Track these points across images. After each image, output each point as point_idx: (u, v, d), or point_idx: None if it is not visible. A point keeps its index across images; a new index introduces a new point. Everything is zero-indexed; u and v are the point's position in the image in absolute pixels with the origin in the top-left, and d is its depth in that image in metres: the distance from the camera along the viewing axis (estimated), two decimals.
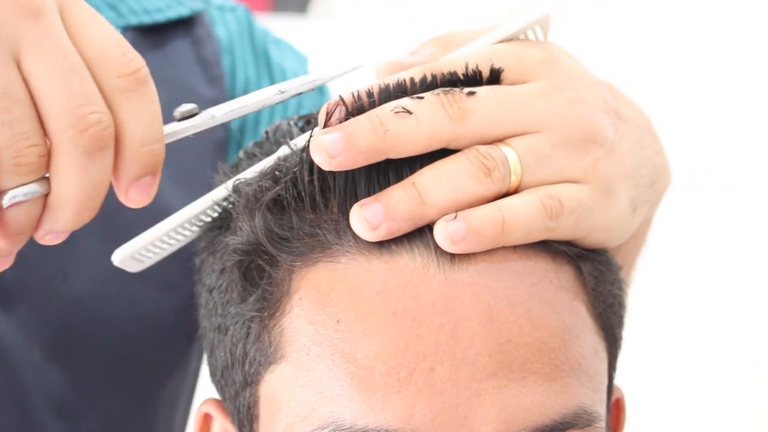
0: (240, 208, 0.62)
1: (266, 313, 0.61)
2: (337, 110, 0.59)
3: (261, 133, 0.83)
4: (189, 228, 0.64)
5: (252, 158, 0.67)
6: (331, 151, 0.57)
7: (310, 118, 0.67)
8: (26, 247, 0.74)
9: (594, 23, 2.00)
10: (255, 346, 0.62)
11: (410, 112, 0.58)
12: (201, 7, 0.87)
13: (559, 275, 0.61)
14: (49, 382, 0.78)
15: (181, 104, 0.57)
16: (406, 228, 0.58)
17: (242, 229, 0.61)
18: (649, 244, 0.79)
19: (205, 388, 0.76)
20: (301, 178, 0.60)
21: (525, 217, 0.58)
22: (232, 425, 0.67)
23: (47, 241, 0.54)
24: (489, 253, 0.59)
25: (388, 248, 0.59)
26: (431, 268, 0.58)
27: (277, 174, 0.61)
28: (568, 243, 0.61)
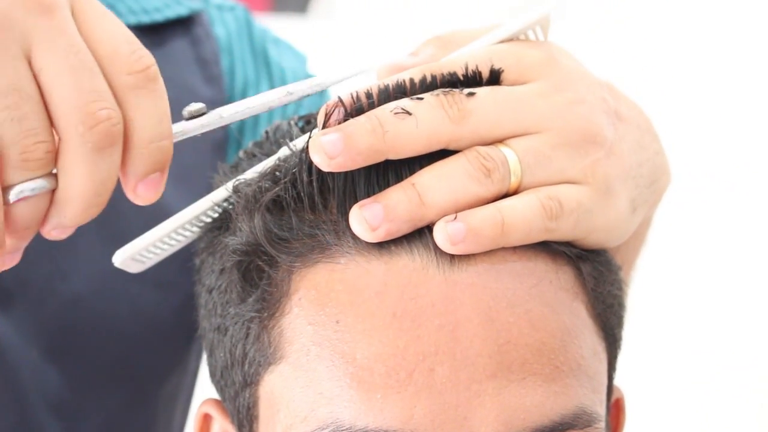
0: (239, 209, 0.62)
1: (266, 314, 0.61)
2: (336, 111, 0.59)
3: (260, 133, 0.83)
4: (189, 229, 0.64)
5: (252, 158, 0.67)
6: (330, 152, 0.57)
7: (310, 119, 0.67)
8: (26, 247, 0.75)
9: (594, 23, 2.00)
10: (254, 347, 0.62)
11: (410, 113, 0.58)
12: (200, 7, 0.87)
13: (558, 276, 0.60)
14: (47, 382, 0.78)
15: (190, 104, 0.57)
16: (406, 229, 0.58)
17: (242, 230, 0.61)
18: (649, 244, 0.79)
19: (204, 388, 0.76)
20: (301, 178, 0.60)
21: (525, 218, 0.58)
22: (231, 425, 0.67)
23: (53, 236, 0.54)
24: (489, 253, 0.59)
25: (388, 249, 0.59)
26: (431, 269, 0.58)
27: (277, 175, 0.61)
28: (568, 244, 0.61)
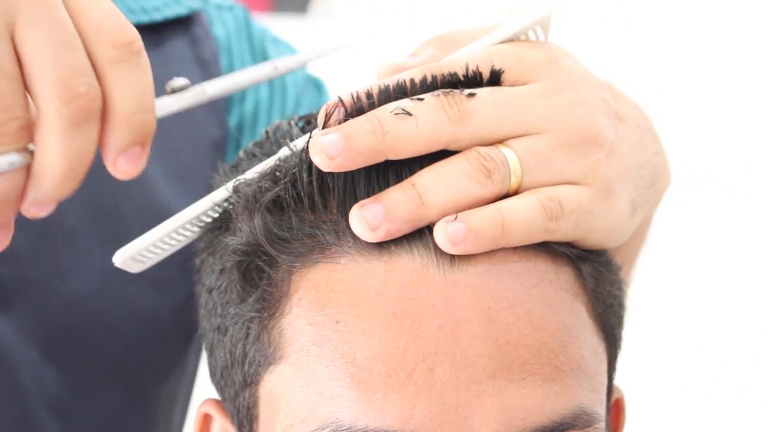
0: (239, 209, 0.61)
1: (266, 314, 0.61)
2: (336, 111, 0.59)
3: (259, 132, 0.83)
4: (190, 229, 0.64)
5: (252, 159, 0.67)
6: (330, 152, 0.57)
7: (310, 119, 0.67)
8: (25, 246, 0.75)
9: (594, 24, 2.00)
10: (254, 347, 0.62)
11: (410, 114, 0.58)
12: (199, 6, 0.86)
13: (558, 276, 0.60)
14: (47, 381, 0.78)
15: (173, 78, 0.57)
16: (406, 229, 0.58)
17: (242, 230, 0.61)
18: (649, 244, 0.79)
19: (203, 388, 0.76)
20: (301, 178, 0.60)
21: (525, 218, 0.58)
22: (231, 425, 0.67)
23: (32, 213, 0.54)
24: (489, 254, 0.59)
25: (388, 249, 0.59)
26: (431, 269, 0.58)
27: (277, 175, 0.61)
28: (568, 244, 0.61)
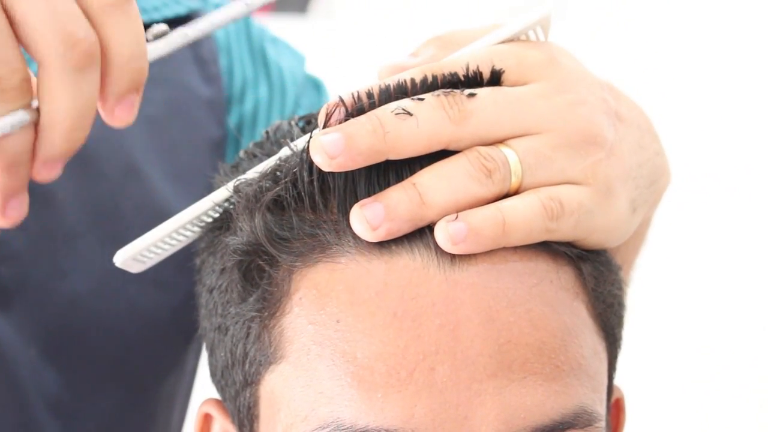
0: (240, 209, 0.62)
1: (266, 313, 0.61)
2: (337, 111, 0.59)
3: (258, 133, 0.83)
4: (190, 229, 0.64)
5: (252, 159, 0.67)
6: (330, 152, 0.57)
7: (310, 119, 0.67)
8: (25, 246, 0.75)
9: (594, 24, 2.00)
10: (255, 346, 0.62)
11: (410, 114, 0.58)
12: (198, 6, 0.86)
13: (559, 276, 0.61)
14: (46, 381, 0.78)
15: (152, 25, 0.57)
16: (406, 228, 0.58)
17: (242, 230, 0.61)
18: (649, 243, 0.79)
19: (203, 388, 0.76)
20: (301, 178, 0.60)
21: (526, 218, 0.58)
22: (232, 425, 0.67)
23: (43, 176, 0.54)
24: (489, 253, 0.59)
25: (388, 248, 0.59)
26: (431, 269, 0.58)
27: (278, 174, 0.61)
28: (568, 244, 0.61)
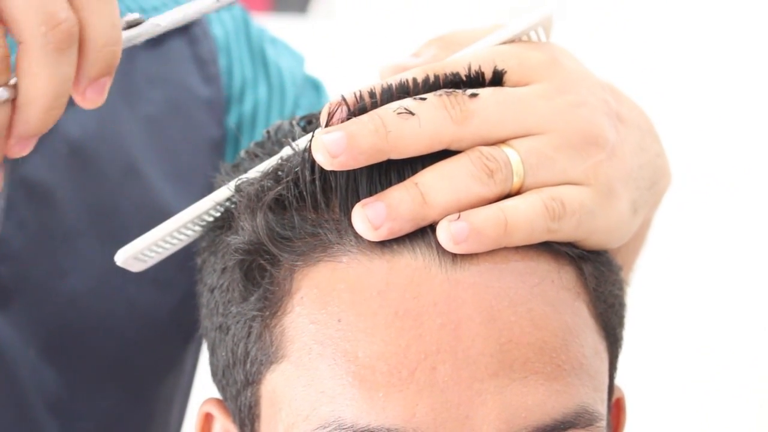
0: (242, 208, 0.62)
1: (267, 313, 0.61)
2: (339, 110, 0.59)
3: (258, 133, 0.83)
4: (191, 228, 0.65)
5: (254, 158, 0.67)
6: (332, 151, 0.57)
7: (311, 119, 0.67)
8: (24, 245, 0.75)
9: (595, 24, 2.00)
10: (256, 346, 0.62)
11: (412, 113, 0.58)
12: None
13: (560, 276, 0.61)
14: (45, 380, 0.78)
15: (126, 14, 0.59)
16: (408, 228, 0.58)
17: (244, 229, 0.61)
18: (649, 244, 0.80)
19: (203, 387, 0.76)
20: (303, 177, 0.60)
21: (527, 218, 0.58)
22: (233, 425, 0.67)
23: (16, 151, 0.55)
24: (491, 253, 0.59)
25: (390, 248, 0.59)
26: (433, 268, 0.58)
27: (280, 174, 0.61)
28: (570, 244, 0.61)
